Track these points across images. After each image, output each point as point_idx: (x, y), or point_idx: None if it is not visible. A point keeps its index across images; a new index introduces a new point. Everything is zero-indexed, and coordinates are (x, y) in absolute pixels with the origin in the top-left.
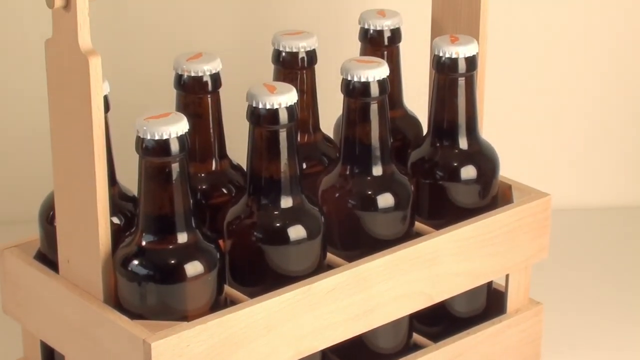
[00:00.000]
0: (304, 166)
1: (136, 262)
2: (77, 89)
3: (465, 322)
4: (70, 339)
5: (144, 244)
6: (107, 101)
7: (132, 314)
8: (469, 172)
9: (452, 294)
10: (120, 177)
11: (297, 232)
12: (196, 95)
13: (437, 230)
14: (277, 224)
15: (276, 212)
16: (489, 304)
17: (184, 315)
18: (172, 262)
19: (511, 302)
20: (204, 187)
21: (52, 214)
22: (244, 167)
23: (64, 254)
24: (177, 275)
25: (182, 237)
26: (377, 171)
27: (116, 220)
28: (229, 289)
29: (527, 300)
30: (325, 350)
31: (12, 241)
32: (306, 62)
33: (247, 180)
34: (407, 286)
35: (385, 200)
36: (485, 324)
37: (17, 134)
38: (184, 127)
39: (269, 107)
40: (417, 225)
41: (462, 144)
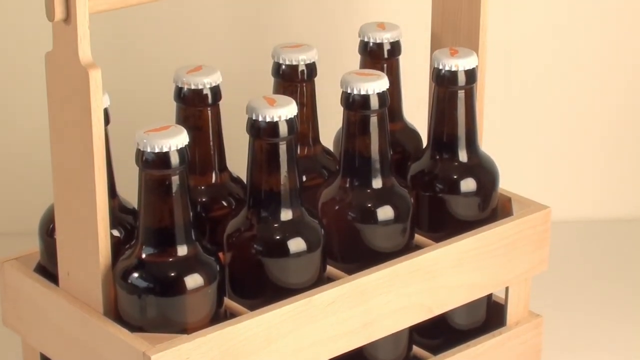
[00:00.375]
0: (304, 179)
1: (136, 274)
2: (78, 102)
3: (465, 335)
4: (70, 352)
5: (144, 256)
6: (108, 114)
7: (132, 327)
8: (468, 184)
9: (452, 307)
10: (120, 190)
11: (297, 244)
12: (196, 107)
13: (437, 242)
14: (277, 237)
15: (276, 225)
16: (488, 316)
17: (184, 327)
18: (172, 274)
19: (511, 314)
20: (204, 199)
21: (52, 226)
22: (244, 179)
23: (64, 267)
24: (177, 287)
25: (182, 250)
26: (377, 184)
27: (116, 232)
28: (229, 302)
29: (527, 312)
30: None
31: (12, 254)
32: (306, 75)
33: (247, 192)
34: (407, 299)
35: (385, 212)
36: (485, 336)
37: (17, 147)
38: (184, 140)
39: (268, 119)
40: (417, 237)
41: (462, 156)
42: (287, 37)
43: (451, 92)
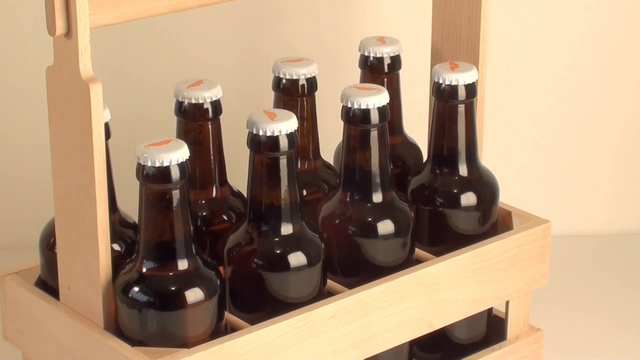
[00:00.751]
0: (304, 193)
1: (137, 288)
2: (78, 116)
3: (465, 349)
4: None
5: (145, 270)
6: (108, 128)
7: (133, 341)
8: (469, 198)
9: (452, 321)
10: (120, 204)
11: (297, 258)
12: (197, 122)
13: (437, 256)
14: (278, 251)
15: (276, 239)
16: (489, 330)
17: (184, 342)
18: (173, 289)
19: (511, 328)
20: (205, 213)
21: (52, 240)
22: (245, 193)
23: (64, 281)
24: (177, 302)
25: (183, 264)
26: (377, 198)
27: (117, 247)
28: (229, 316)
29: (527, 326)
30: None
31: (13, 268)
32: (306, 89)
33: (248, 207)
34: (407, 313)
35: (385, 227)
36: (485, 350)
37: (18, 160)
38: (184, 154)
39: (269, 134)
40: (417, 251)
41: (462, 170)
42: (288, 52)
43: (451, 107)
